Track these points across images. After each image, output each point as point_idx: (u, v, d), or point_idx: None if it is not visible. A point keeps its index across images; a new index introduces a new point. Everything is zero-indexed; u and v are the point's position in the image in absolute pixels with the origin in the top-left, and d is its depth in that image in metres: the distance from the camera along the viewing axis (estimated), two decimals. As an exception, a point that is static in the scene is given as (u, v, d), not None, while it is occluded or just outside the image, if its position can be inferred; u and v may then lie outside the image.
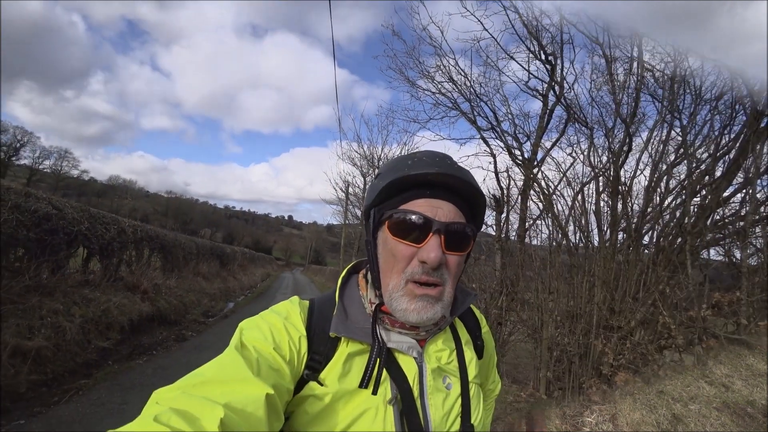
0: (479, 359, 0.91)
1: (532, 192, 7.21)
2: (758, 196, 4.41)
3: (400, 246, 0.72)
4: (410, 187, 0.74)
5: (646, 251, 5.42)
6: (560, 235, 6.13)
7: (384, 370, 0.73)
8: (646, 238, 5.60)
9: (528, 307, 6.23)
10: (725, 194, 4.86)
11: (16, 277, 4.93)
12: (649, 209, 5.56)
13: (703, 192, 5.05)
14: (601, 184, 5.93)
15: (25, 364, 4.22)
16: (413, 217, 0.71)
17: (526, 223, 7.34)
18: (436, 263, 0.70)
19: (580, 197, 6.07)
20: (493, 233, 7.76)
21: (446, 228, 0.71)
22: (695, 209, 5.01)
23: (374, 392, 0.70)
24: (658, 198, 5.62)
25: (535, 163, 7.45)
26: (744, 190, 4.77)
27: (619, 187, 5.57)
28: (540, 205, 6.88)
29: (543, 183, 6.82)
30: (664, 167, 5.66)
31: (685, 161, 5.34)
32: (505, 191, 7.60)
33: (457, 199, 0.75)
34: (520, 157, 7.55)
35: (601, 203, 5.89)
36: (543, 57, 7.09)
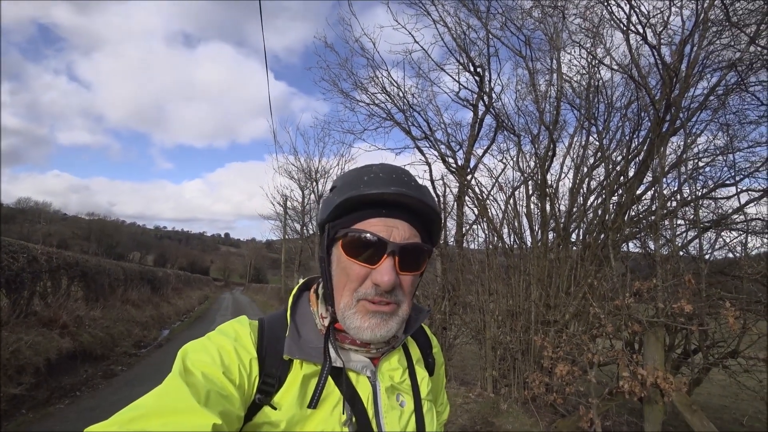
0: (430, 376, 0.91)
1: (467, 198, 7.49)
2: (665, 192, 4.92)
3: (354, 266, 0.70)
4: (365, 206, 0.72)
5: (574, 248, 5.81)
6: (496, 238, 6.40)
7: (338, 390, 0.71)
8: (574, 236, 6.01)
9: (470, 309, 6.42)
10: (638, 192, 5.36)
11: None
12: (574, 209, 5.98)
13: (620, 191, 5.53)
14: (530, 187, 6.30)
15: None
16: (368, 236, 0.69)
17: (463, 228, 7.60)
18: (389, 287, 0.69)
19: (512, 201, 6.40)
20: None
21: (401, 249, 0.70)
22: (614, 207, 5.46)
23: (312, 406, 0.67)
24: (581, 198, 6.07)
25: (469, 170, 7.76)
26: (653, 188, 5.28)
27: (547, 190, 5.94)
28: (475, 210, 7.17)
29: (477, 189, 7.11)
30: (585, 170, 6.13)
31: (603, 164, 5.82)
32: (441, 198, 7.83)
33: (413, 217, 0.73)
34: (454, 165, 7.83)
35: (532, 206, 6.25)
36: (472, 69, 7.44)
